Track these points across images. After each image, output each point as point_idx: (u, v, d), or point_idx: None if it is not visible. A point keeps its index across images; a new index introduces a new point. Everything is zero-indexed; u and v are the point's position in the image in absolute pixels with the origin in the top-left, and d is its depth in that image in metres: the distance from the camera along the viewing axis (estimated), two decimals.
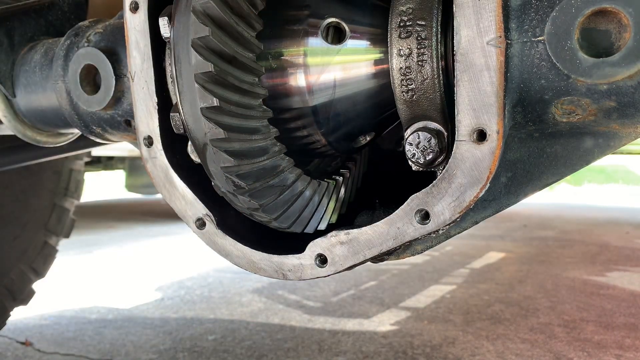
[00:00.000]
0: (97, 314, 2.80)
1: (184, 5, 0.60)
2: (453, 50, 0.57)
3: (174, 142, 0.76)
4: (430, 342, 2.27)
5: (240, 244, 0.70)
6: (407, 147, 0.63)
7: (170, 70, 0.74)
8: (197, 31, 0.57)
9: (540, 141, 0.65)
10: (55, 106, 0.94)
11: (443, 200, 0.60)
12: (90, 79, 0.87)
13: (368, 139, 0.76)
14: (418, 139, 0.62)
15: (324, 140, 0.72)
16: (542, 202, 7.82)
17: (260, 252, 0.69)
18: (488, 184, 0.58)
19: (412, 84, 0.61)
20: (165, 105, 0.75)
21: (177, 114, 0.68)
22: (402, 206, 0.62)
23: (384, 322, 2.55)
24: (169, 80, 0.75)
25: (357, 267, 0.68)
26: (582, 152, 0.64)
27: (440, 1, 0.60)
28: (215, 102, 0.57)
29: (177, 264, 4.07)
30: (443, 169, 0.59)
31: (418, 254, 0.69)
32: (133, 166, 6.72)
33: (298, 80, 0.67)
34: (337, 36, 0.67)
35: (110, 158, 6.30)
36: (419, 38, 0.60)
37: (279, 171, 0.65)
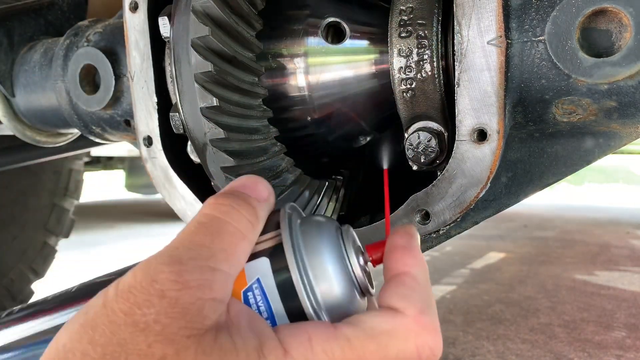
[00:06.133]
0: None
1: (183, 4, 0.60)
2: (453, 50, 0.57)
3: (174, 142, 0.76)
4: None
5: None
6: (407, 147, 0.62)
7: (170, 70, 0.74)
8: (197, 31, 0.57)
9: (541, 141, 0.65)
10: (54, 106, 0.93)
11: (443, 201, 0.59)
12: (90, 79, 0.86)
13: (368, 139, 0.76)
14: (418, 139, 0.62)
15: (323, 140, 0.72)
16: (542, 202, 7.82)
17: None
18: (488, 184, 0.58)
19: (412, 84, 0.61)
20: (165, 105, 0.75)
21: (177, 113, 0.68)
22: (402, 206, 0.62)
23: None
24: (169, 80, 0.75)
25: None
26: (582, 152, 0.64)
27: (441, 0, 0.60)
28: (215, 101, 0.57)
29: None
30: (443, 169, 0.59)
31: None
32: (133, 166, 6.71)
33: (298, 80, 0.66)
34: (337, 36, 0.67)
35: (110, 158, 6.29)
36: (419, 37, 0.59)
37: (278, 171, 0.64)
